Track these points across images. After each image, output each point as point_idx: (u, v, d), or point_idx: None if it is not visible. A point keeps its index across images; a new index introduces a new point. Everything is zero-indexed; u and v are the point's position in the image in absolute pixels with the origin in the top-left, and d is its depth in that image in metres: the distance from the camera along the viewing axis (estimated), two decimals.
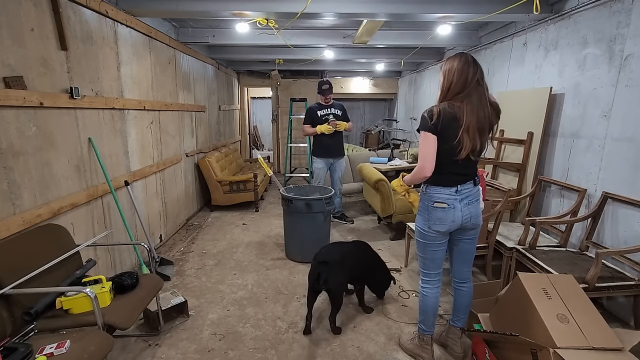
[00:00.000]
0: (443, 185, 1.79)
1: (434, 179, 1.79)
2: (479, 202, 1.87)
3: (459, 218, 1.80)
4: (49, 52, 2.13)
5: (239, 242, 3.94)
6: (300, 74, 7.71)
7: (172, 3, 3.02)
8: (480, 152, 1.78)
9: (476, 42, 4.54)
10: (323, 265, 2.25)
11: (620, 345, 1.56)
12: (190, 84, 4.65)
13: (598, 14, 2.67)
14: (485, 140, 1.77)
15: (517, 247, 2.62)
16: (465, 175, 1.81)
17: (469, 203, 1.82)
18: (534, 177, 3.21)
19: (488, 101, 1.73)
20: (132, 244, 3.04)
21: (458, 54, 1.74)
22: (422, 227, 1.89)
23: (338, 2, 3.06)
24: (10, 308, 1.66)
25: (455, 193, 1.79)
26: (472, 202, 1.83)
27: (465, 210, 1.80)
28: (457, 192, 1.79)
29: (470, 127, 1.67)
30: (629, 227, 2.39)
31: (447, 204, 1.79)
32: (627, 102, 2.41)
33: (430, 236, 1.87)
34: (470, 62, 1.70)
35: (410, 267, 3.30)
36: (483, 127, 1.72)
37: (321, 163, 4.25)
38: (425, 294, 2.00)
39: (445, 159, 1.74)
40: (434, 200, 1.81)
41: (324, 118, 4.16)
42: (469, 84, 1.68)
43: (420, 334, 2.07)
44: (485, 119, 1.72)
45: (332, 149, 4.24)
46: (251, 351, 2.18)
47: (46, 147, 2.11)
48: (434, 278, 1.98)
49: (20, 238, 1.84)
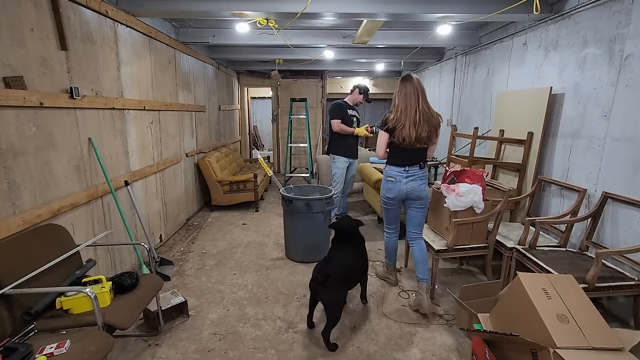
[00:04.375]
0: (395, 165, 2.57)
1: (390, 160, 2.61)
2: (422, 181, 2.56)
3: (403, 189, 2.55)
4: (49, 52, 2.13)
5: (239, 242, 3.94)
6: (300, 74, 7.71)
7: (172, 3, 3.02)
8: (421, 144, 2.47)
9: (476, 42, 4.53)
10: (320, 286, 2.18)
11: (620, 345, 1.56)
12: (190, 84, 4.65)
13: (598, 14, 2.67)
14: (426, 137, 2.45)
15: (517, 247, 2.62)
16: (413, 159, 2.53)
17: (413, 180, 2.54)
18: (534, 177, 3.21)
19: (423, 110, 2.43)
20: (132, 244, 3.04)
21: (403, 79, 2.49)
22: (382, 194, 2.71)
23: (338, 2, 3.06)
24: (10, 308, 1.66)
25: (403, 171, 2.54)
26: (415, 179, 2.54)
27: (409, 184, 2.54)
28: (405, 171, 2.53)
29: (407, 128, 2.41)
30: (629, 227, 2.39)
31: (395, 178, 2.56)
32: (627, 102, 2.41)
33: (385, 201, 2.69)
34: (410, 84, 2.44)
35: (410, 267, 3.30)
36: (419, 128, 2.41)
37: (343, 162, 4.13)
38: (388, 239, 2.89)
39: (396, 147, 2.53)
40: (387, 175, 2.62)
41: (352, 118, 4.12)
42: (408, 100, 2.43)
43: (386, 265, 3.01)
44: (420, 123, 2.41)
45: (354, 149, 4.21)
46: (251, 351, 2.18)
47: (46, 147, 2.11)
48: (392, 229, 2.84)
49: (20, 238, 1.84)
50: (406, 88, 2.45)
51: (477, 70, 4.59)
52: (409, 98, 2.43)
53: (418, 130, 2.41)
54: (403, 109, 2.43)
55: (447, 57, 5.58)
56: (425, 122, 2.43)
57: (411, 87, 2.43)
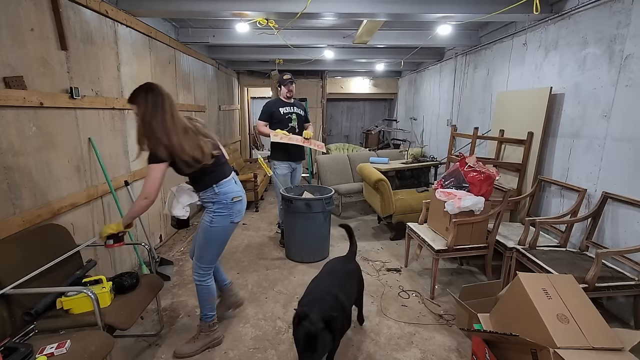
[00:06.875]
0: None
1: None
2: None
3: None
4: (49, 52, 2.13)
5: (239, 242, 3.94)
6: (300, 74, 7.71)
7: (172, 3, 3.02)
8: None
9: (476, 42, 4.53)
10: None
11: (620, 345, 1.56)
12: (190, 84, 4.65)
13: (598, 14, 2.67)
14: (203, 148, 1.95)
15: (517, 247, 2.62)
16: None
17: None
18: (534, 177, 3.21)
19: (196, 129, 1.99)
20: (132, 244, 3.04)
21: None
22: (232, 220, 2.17)
23: (338, 2, 3.06)
24: (11, 308, 1.66)
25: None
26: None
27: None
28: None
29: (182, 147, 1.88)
30: (629, 227, 2.39)
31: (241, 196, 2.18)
32: (627, 102, 2.41)
33: (229, 231, 2.22)
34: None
35: (410, 267, 3.30)
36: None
37: (284, 169, 3.66)
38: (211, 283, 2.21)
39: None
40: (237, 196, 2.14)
41: (287, 117, 3.61)
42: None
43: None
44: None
45: (295, 151, 3.66)
46: (251, 351, 2.18)
47: (46, 147, 2.11)
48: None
49: (20, 238, 1.84)
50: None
51: (477, 70, 4.59)
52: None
53: (195, 148, 1.95)
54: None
55: (447, 57, 5.58)
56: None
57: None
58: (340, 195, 4.90)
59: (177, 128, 1.85)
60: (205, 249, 2.11)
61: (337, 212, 4.89)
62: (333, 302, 1.79)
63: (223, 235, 2.13)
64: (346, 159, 5.49)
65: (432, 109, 6.29)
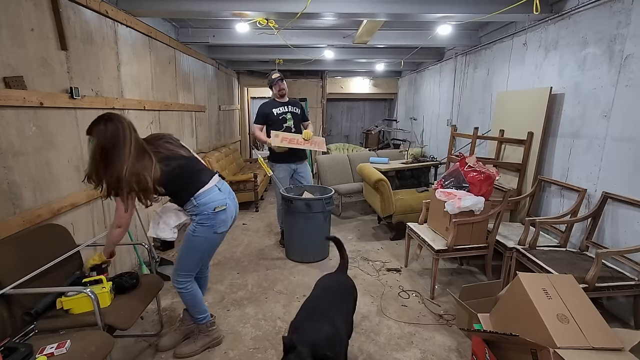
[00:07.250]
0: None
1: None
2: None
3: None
4: (49, 52, 2.13)
5: (239, 242, 3.94)
6: (300, 74, 7.71)
7: (172, 3, 3.02)
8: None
9: (476, 42, 4.54)
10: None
11: (620, 345, 1.56)
12: (190, 84, 4.65)
13: (598, 14, 2.67)
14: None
15: (517, 247, 2.62)
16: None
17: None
18: (534, 177, 3.21)
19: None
20: (132, 244, 3.03)
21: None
22: (217, 230, 2.06)
23: (338, 2, 3.06)
24: (11, 308, 1.66)
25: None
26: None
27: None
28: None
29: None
30: (629, 227, 2.39)
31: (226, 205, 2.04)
32: (627, 102, 2.41)
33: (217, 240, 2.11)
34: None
35: (410, 267, 3.30)
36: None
37: (284, 171, 3.57)
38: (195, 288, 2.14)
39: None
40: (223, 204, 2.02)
41: (281, 117, 3.53)
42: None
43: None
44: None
45: (296, 151, 3.54)
46: (251, 351, 2.18)
47: (46, 147, 2.11)
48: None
49: (20, 238, 1.84)
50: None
51: (477, 70, 4.59)
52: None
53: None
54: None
55: (447, 57, 5.58)
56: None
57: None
58: (340, 195, 4.90)
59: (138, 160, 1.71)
60: (185, 256, 2.04)
61: (337, 212, 4.90)
62: (331, 332, 1.47)
63: (206, 245, 2.04)
64: (346, 159, 5.49)
65: (432, 109, 6.29)
